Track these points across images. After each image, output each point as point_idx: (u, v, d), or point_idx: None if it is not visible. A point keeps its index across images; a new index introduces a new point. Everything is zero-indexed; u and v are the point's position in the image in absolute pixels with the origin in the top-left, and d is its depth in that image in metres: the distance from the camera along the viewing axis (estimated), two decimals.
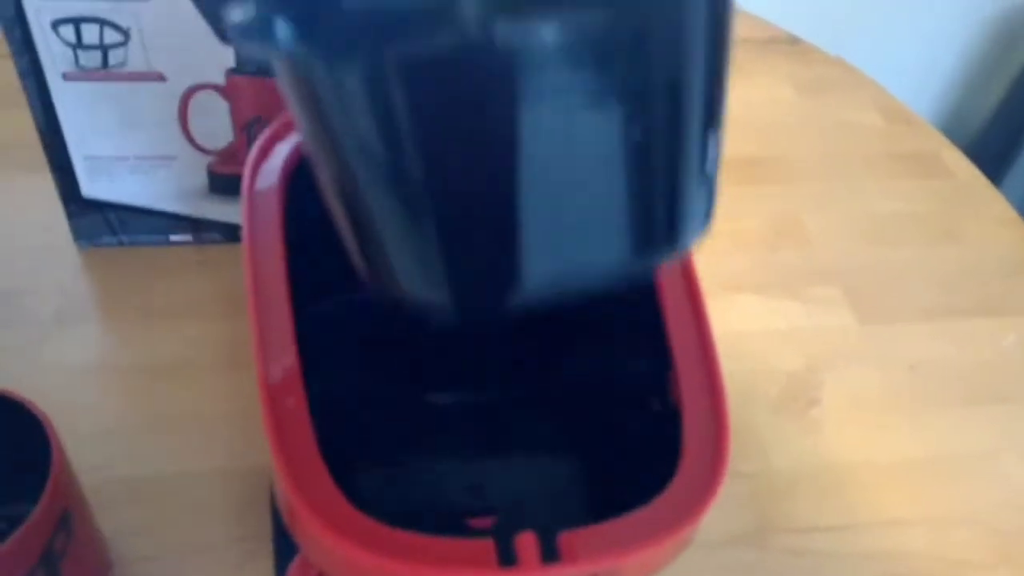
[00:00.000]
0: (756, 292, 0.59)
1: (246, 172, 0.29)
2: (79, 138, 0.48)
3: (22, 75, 0.45)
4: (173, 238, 0.54)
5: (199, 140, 0.49)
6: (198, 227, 0.54)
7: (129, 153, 0.49)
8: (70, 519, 0.36)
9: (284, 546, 0.40)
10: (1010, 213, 0.67)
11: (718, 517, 0.48)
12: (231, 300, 0.53)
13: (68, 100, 0.46)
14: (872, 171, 0.69)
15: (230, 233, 0.54)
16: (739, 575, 0.46)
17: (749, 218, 0.64)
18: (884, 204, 0.66)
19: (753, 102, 0.73)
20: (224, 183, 0.51)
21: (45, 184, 0.52)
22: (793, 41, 0.79)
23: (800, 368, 0.55)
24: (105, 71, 0.45)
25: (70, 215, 0.52)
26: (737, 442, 0.51)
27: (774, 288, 0.59)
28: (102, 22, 0.44)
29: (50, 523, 0.34)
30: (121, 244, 0.54)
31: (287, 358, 0.24)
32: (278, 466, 0.23)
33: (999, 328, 0.59)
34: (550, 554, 0.21)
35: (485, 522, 0.21)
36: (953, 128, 1.22)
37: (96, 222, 0.53)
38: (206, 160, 0.50)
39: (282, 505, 0.23)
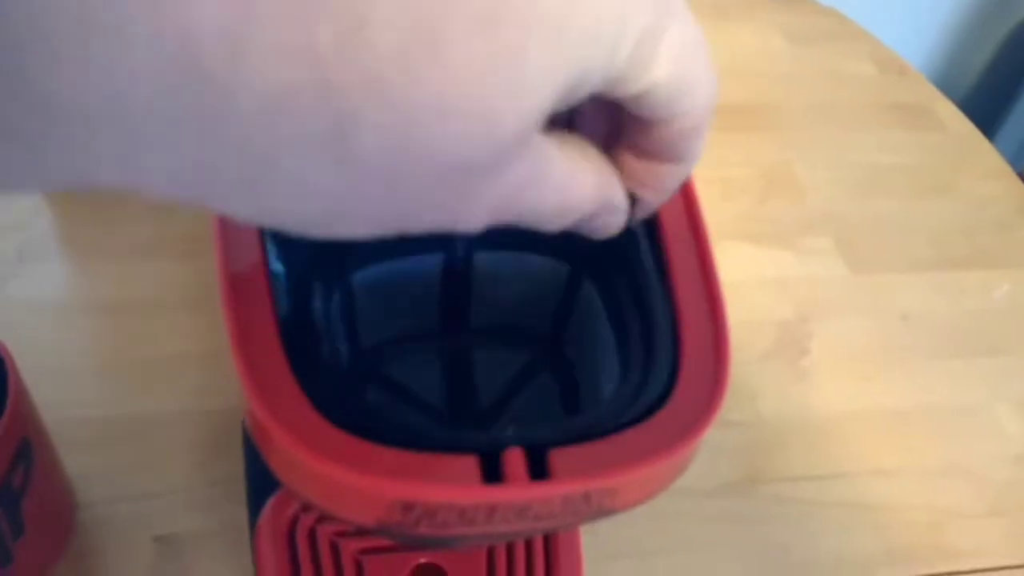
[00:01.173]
0: (747, 241, 0.57)
1: None
2: None
3: None
4: None
5: None
6: None
7: None
8: (30, 450, 0.34)
9: (257, 488, 0.38)
10: (1002, 165, 0.66)
11: (707, 466, 0.46)
12: (196, 239, 0.51)
13: None
14: (865, 121, 0.67)
15: None
16: (728, 524, 0.45)
17: (739, 167, 0.62)
18: (877, 155, 0.65)
19: (744, 51, 0.71)
20: None
21: None
22: None
23: (791, 318, 0.54)
24: None
25: None
26: (728, 394, 0.50)
27: (765, 237, 0.58)
28: None
29: (8, 452, 0.32)
30: None
31: (254, 268, 0.22)
32: (245, 383, 0.21)
33: (991, 280, 0.58)
34: (539, 471, 0.19)
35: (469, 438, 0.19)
36: (947, 81, 1.20)
37: None
38: None
39: (251, 424, 0.21)
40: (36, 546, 0.37)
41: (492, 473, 0.19)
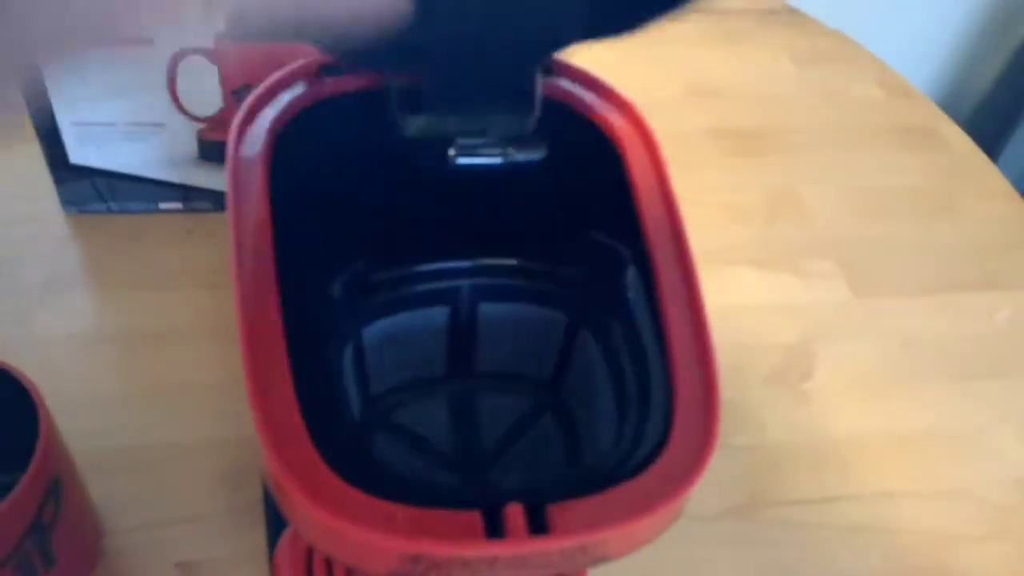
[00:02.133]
0: (752, 265, 0.58)
1: (231, 137, 0.28)
2: (66, 104, 0.47)
3: None
4: (162, 205, 0.54)
5: (188, 107, 0.48)
6: (187, 195, 0.53)
7: (117, 119, 0.48)
8: (60, 487, 0.35)
9: (276, 517, 0.40)
10: (1007, 188, 0.67)
11: (712, 490, 0.47)
12: (220, 269, 0.52)
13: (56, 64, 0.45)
14: (870, 144, 0.68)
15: (220, 201, 0.54)
16: (732, 546, 0.46)
17: (746, 191, 0.63)
18: (881, 178, 0.66)
19: (750, 74, 0.72)
20: (214, 150, 0.51)
21: (33, 151, 0.52)
22: (791, 13, 0.78)
23: (795, 341, 0.55)
24: None
25: (58, 181, 0.51)
26: (731, 415, 0.51)
27: (770, 261, 0.59)
28: None
29: (39, 491, 0.34)
30: (110, 211, 0.53)
31: (271, 326, 0.24)
32: (263, 440, 0.23)
33: (995, 303, 0.59)
34: (538, 526, 0.21)
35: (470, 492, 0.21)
36: (952, 102, 1.21)
37: (84, 189, 0.52)
38: (196, 127, 0.49)
39: (269, 478, 0.23)
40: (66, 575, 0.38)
41: (494, 528, 0.20)
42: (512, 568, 0.21)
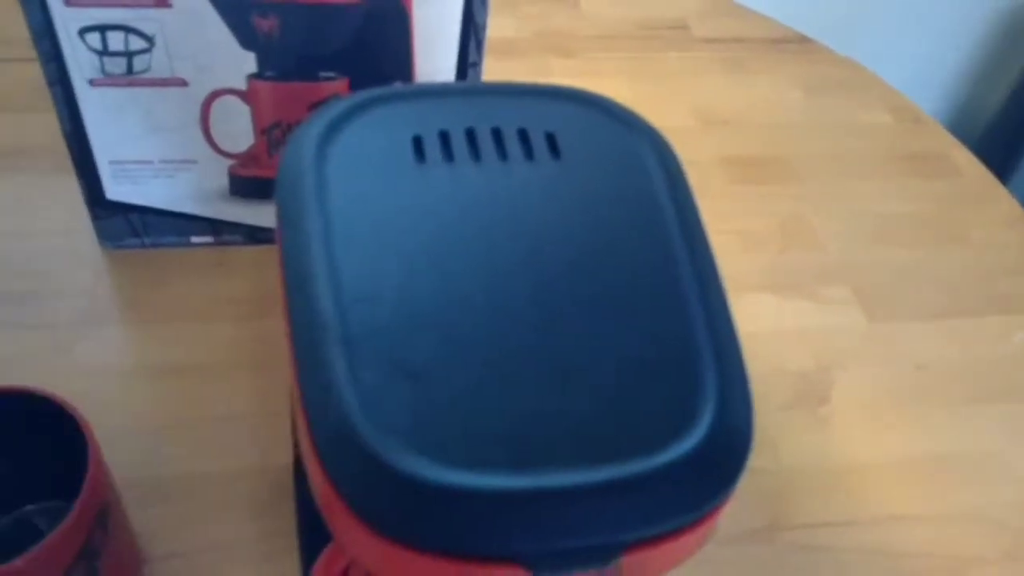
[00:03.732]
0: (766, 292, 0.60)
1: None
2: (104, 143, 0.49)
3: (50, 82, 0.46)
4: (195, 240, 0.55)
5: (221, 144, 0.50)
6: (219, 229, 0.55)
7: (153, 157, 0.50)
8: (107, 514, 0.37)
9: (310, 542, 0.41)
10: (1018, 212, 0.68)
11: (730, 514, 0.49)
12: (252, 302, 0.54)
13: (94, 106, 0.47)
14: (881, 171, 0.70)
15: (250, 235, 0.56)
16: (749, 570, 0.47)
17: (757, 218, 0.64)
18: (893, 204, 0.67)
19: (761, 102, 0.73)
20: (245, 186, 0.53)
21: (71, 186, 0.53)
22: (802, 40, 0.80)
23: (810, 368, 0.56)
24: (130, 77, 0.46)
25: (95, 218, 0.53)
26: None
27: (784, 288, 0.60)
28: (127, 29, 0.44)
29: (89, 518, 0.35)
30: (144, 246, 0.55)
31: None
32: (307, 451, 0.24)
33: (1007, 326, 0.60)
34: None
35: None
36: (960, 125, 1.22)
37: (120, 224, 0.54)
38: (227, 163, 0.51)
39: (316, 494, 0.24)
40: None
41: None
42: None
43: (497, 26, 0.75)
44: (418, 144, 0.29)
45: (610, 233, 0.27)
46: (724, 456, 0.23)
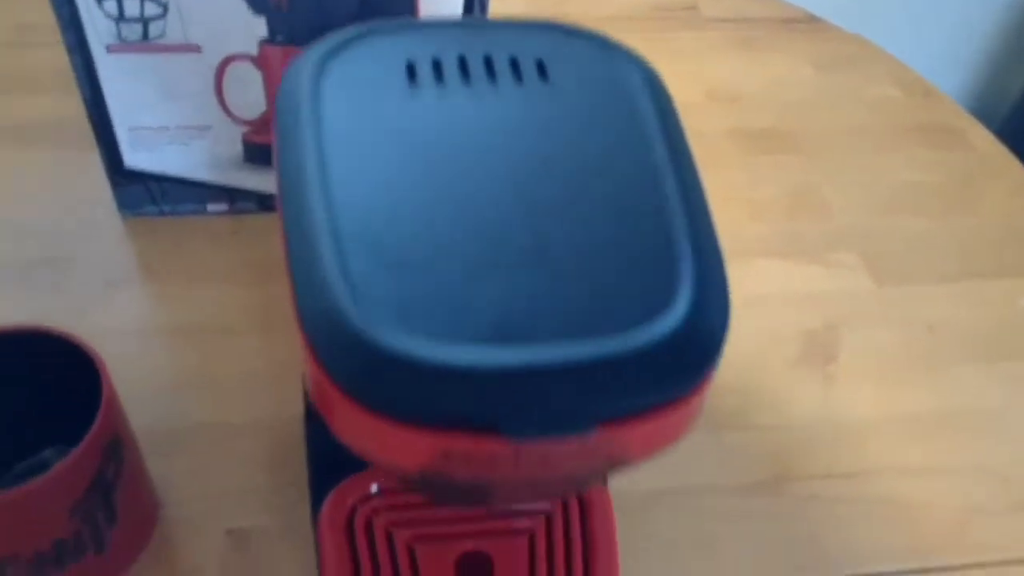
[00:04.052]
0: (774, 257, 0.60)
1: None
2: (122, 110, 0.51)
3: (70, 50, 0.48)
4: (210, 207, 0.57)
5: (234, 110, 0.52)
6: (233, 197, 0.56)
7: (169, 124, 0.52)
8: (120, 447, 0.38)
9: (320, 488, 0.42)
10: None
11: (735, 466, 0.49)
12: (265, 266, 0.56)
13: (111, 72, 0.49)
14: (890, 143, 0.70)
15: (263, 203, 0.57)
16: (754, 520, 0.47)
17: (766, 187, 0.65)
18: (903, 174, 0.67)
19: (771, 79, 0.74)
20: (258, 152, 0.54)
21: (92, 161, 0.55)
22: (811, 20, 0.80)
23: (818, 327, 0.56)
24: (145, 43, 0.48)
25: (114, 185, 0.55)
26: (756, 396, 0.53)
27: (792, 254, 0.61)
28: None
29: (102, 446, 0.36)
30: (162, 214, 0.57)
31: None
32: (302, 338, 0.25)
33: (1016, 289, 0.60)
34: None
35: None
36: (985, 109, 1.21)
37: (138, 192, 0.55)
38: (241, 130, 0.53)
39: (306, 382, 0.25)
40: (126, 536, 0.41)
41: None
42: (534, 467, 0.23)
43: (510, 5, 0.77)
44: (411, 69, 0.30)
45: (595, 146, 0.28)
46: (701, 338, 0.24)
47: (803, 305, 0.57)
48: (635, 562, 0.45)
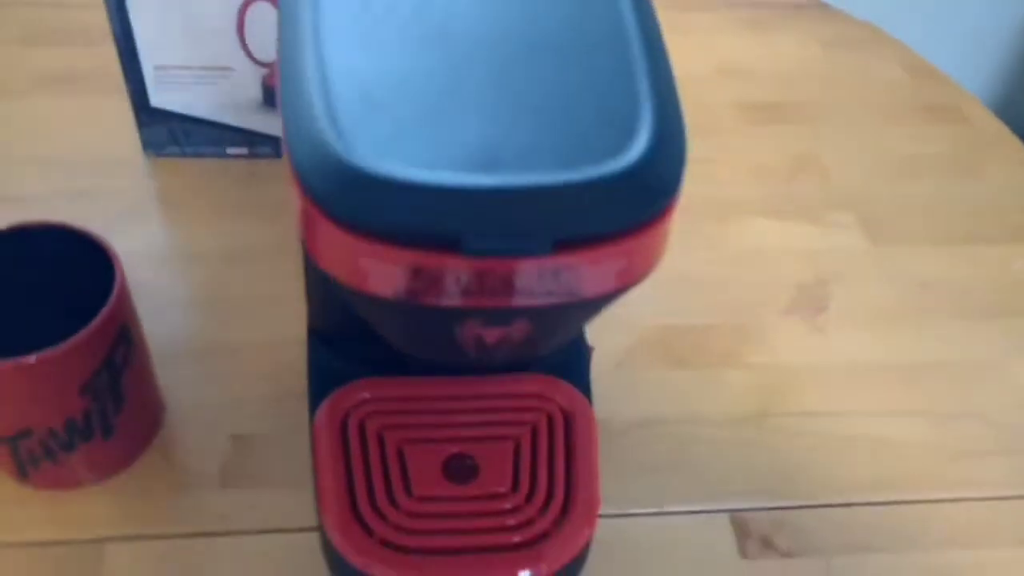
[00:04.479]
0: (771, 216, 0.62)
1: None
2: (149, 47, 0.54)
3: None
4: (230, 151, 0.60)
5: (255, 52, 0.55)
6: (252, 141, 0.59)
7: (193, 63, 0.55)
8: (129, 334, 0.40)
9: (318, 390, 0.44)
10: None
11: (724, 399, 0.50)
12: (280, 205, 0.58)
13: (140, 7, 0.52)
14: (894, 118, 0.71)
15: (280, 148, 0.60)
16: (736, 448, 0.48)
17: (768, 153, 0.67)
18: (904, 146, 0.69)
19: (777, 57, 0.76)
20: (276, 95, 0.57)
21: (121, 106, 0.58)
22: (821, 5, 0.82)
23: (811, 281, 0.58)
24: None
25: (140, 124, 0.58)
26: (745, 339, 0.54)
27: (788, 214, 0.62)
28: None
29: (113, 329, 0.39)
30: (184, 155, 0.60)
31: None
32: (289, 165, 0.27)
33: (1012, 253, 0.61)
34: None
35: None
36: (1008, 111, 1.22)
37: (162, 132, 0.58)
38: (262, 73, 0.56)
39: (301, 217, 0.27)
40: (132, 426, 0.43)
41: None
42: (498, 288, 0.25)
43: None
44: None
45: (568, 7, 0.30)
46: (656, 174, 0.26)
47: (797, 260, 0.59)
48: (616, 482, 0.46)
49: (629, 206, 0.25)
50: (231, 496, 0.44)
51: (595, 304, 0.28)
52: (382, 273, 0.25)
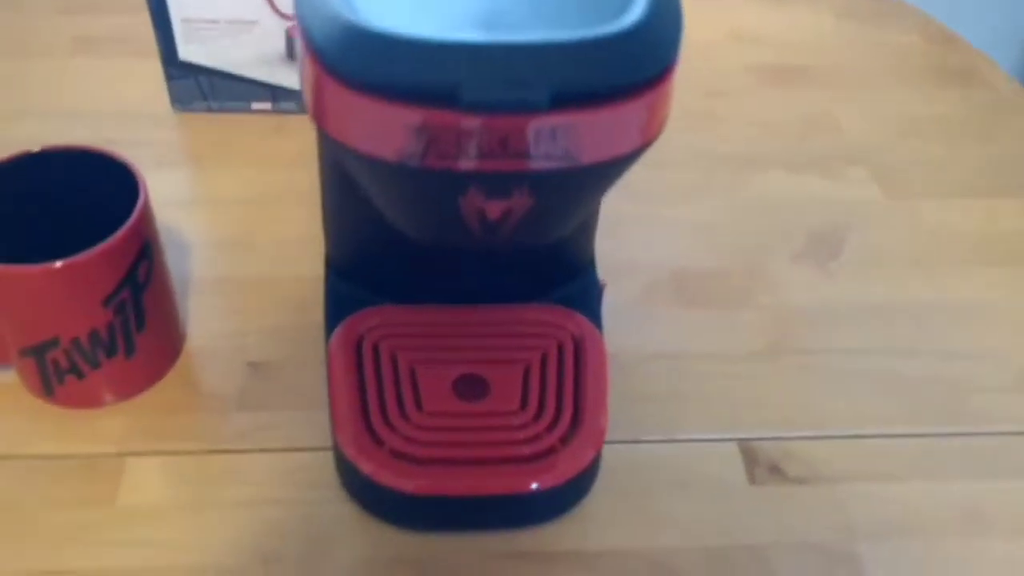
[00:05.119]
0: (785, 169, 0.62)
1: None
2: (178, 1, 0.56)
3: None
4: (254, 106, 0.61)
5: (279, 5, 0.56)
6: (276, 96, 0.61)
7: (219, 16, 0.57)
8: (151, 253, 0.42)
9: (334, 315, 0.46)
10: None
11: (732, 337, 0.51)
12: (303, 155, 0.60)
13: None
14: (909, 81, 0.72)
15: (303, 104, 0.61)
16: (749, 382, 0.49)
17: (782, 113, 0.67)
18: (920, 107, 0.69)
19: (792, 24, 0.77)
20: None
21: (151, 67, 0.61)
22: None
23: (823, 229, 0.58)
24: None
25: (169, 78, 0.60)
26: (757, 281, 0.54)
27: (802, 167, 0.63)
28: None
29: (135, 246, 0.40)
30: (210, 110, 0.62)
31: None
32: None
33: None
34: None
35: None
36: None
37: (190, 87, 0.60)
38: (286, 25, 0.57)
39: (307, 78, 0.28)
40: (153, 346, 0.45)
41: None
42: (496, 149, 0.26)
43: None
44: None
45: None
46: (653, 39, 0.26)
47: (810, 209, 0.59)
48: (625, 411, 0.47)
49: (626, 66, 0.26)
50: (248, 417, 0.45)
51: (594, 176, 0.29)
52: (385, 132, 0.26)
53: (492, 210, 0.29)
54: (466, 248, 0.33)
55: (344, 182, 0.40)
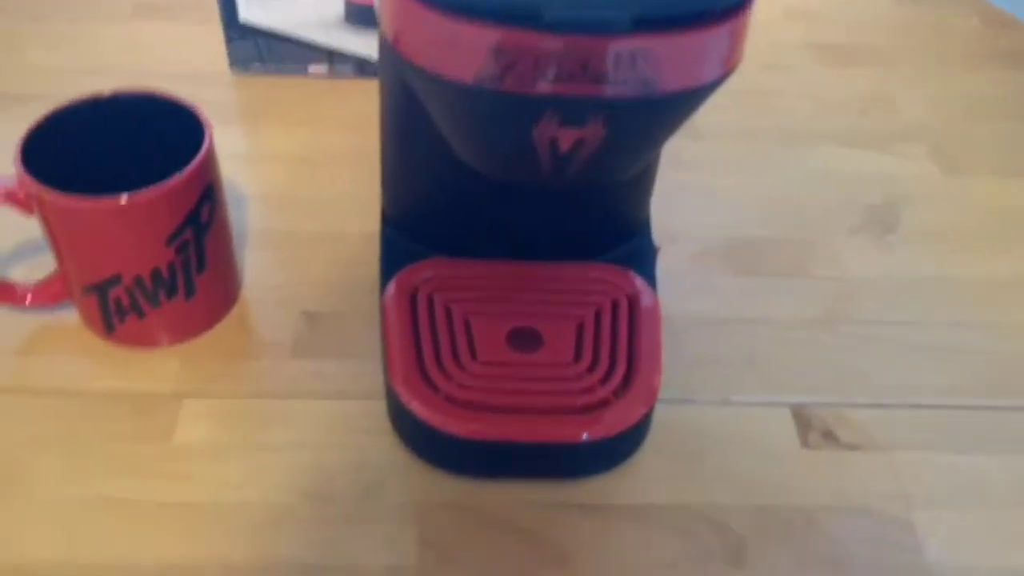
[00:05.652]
0: (843, 145, 0.62)
1: None
2: None
3: None
4: (311, 69, 0.62)
5: None
6: (332, 59, 0.62)
7: None
8: (214, 195, 0.42)
9: (389, 266, 0.46)
10: None
11: (787, 305, 0.50)
12: (358, 118, 0.60)
13: None
14: (967, 61, 0.71)
15: (360, 67, 0.62)
16: (803, 349, 0.48)
17: (839, 91, 0.66)
18: (979, 88, 0.68)
19: (849, 4, 0.76)
20: (359, 13, 0.59)
21: (213, 33, 0.61)
22: None
23: (880, 203, 0.57)
24: None
25: (228, 40, 0.61)
26: (814, 254, 0.54)
27: (859, 143, 0.62)
28: None
29: (200, 186, 0.41)
30: (267, 72, 0.62)
31: None
32: None
33: None
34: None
35: None
36: None
37: (248, 48, 0.61)
38: None
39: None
40: (212, 288, 0.45)
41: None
42: (576, 73, 0.26)
43: None
44: None
45: None
46: None
47: (868, 184, 0.59)
48: (679, 372, 0.47)
49: None
50: (302, 365, 0.46)
51: (669, 107, 0.29)
52: (464, 53, 0.27)
53: (565, 139, 0.29)
54: (532, 185, 0.33)
55: (407, 126, 0.40)
